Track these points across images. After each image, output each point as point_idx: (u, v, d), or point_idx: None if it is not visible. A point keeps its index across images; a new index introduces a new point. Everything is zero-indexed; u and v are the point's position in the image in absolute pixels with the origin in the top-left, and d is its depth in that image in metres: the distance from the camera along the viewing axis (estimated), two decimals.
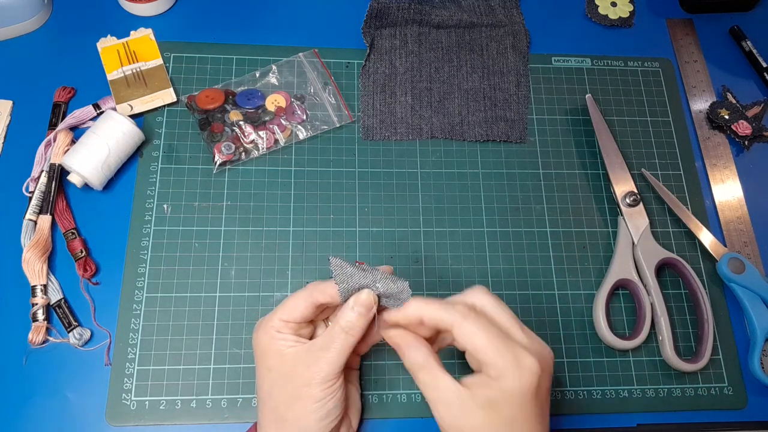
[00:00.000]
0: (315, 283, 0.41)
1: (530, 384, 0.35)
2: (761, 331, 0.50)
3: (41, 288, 0.47)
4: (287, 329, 0.40)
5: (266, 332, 0.40)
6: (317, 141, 0.55)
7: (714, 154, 0.59)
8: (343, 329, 0.39)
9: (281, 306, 0.41)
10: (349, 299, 0.39)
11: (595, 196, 0.56)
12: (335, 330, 0.39)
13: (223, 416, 0.46)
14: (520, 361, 0.36)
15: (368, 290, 0.39)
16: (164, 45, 0.57)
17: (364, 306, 0.39)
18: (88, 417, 0.45)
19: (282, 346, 0.39)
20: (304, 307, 0.40)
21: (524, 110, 0.58)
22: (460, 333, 0.37)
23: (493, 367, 0.36)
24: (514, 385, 0.35)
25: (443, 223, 0.53)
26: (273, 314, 0.41)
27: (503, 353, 0.36)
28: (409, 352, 0.38)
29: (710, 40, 0.65)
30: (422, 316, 0.38)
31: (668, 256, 0.52)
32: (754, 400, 0.50)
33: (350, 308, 0.39)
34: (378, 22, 0.59)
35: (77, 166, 0.49)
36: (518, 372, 0.35)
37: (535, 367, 0.36)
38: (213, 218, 0.51)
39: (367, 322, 0.39)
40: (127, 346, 0.47)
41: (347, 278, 0.39)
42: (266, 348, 0.40)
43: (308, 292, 0.40)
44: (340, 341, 0.38)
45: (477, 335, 0.36)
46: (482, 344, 0.36)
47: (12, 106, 0.54)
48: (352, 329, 0.39)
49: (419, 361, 0.38)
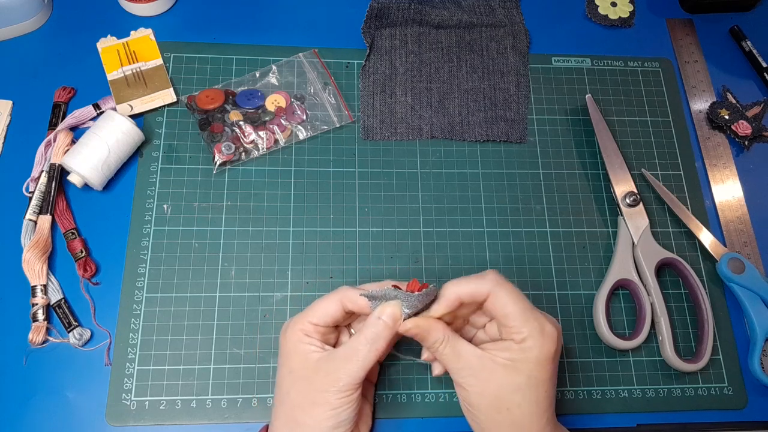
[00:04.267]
0: (345, 288, 0.41)
1: (550, 348, 0.39)
2: (761, 331, 0.50)
3: (41, 288, 0.47)
4: (316, 333, 0.40)
5: (294, 334, 0.40)
6: (317, 141, 0.55)
7: (714, 154, 0.59)
8: (368, 340, 0.39)
9: (311, 309, 0.41)
10: (376, 309, 0.39)
11: (595, 196, 0.56)
12: (360, 340, 0.39)
13: (223, 416, 0.46)
14: (544, 327, 0.39)
15: (396, 301, 0.39)
16: (164, 45, 0.57)
17: (390, 318, 0.39)
18: (88, 417, 0.45)
19: (307, 349, 0.40)
20: (335, 311, 0.40)
21: (524, 110, 0.58)
22: (493, 300, 0.40)
23: (518, 332, 0.39)
24: (537, 349, 0.39)
25: (443, 223, 0.53)
26: (303, 316, 0.41)
27: (530, 320, 0.39)
28: (429, 335, 0.40)
29: (710, 40, 0.65)
30: (460, 295, 0.40)
31: (668, 256, 0.52)
32: (754, 400, 0.50)
33: (376, 318, 0.39)
34: (378, 22, 0.59)
35: (77, 166, 0.49)
36: (541, 337, 0.39)
37: (555, 334, 0.39)
38: (213, 218, 0.51)
39: (392, 334, 0.39)
40: (127, 346, 0.47)
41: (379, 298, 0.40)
42: (292, 350, 0.40)
43: (338, 296, 0.41)
44: (363, 352, 0.38)
45: (509, 302, 0.39)
46: (511, 310, 0.39)
47: (12, 106, 0.54)
48: (377, 341, 0.38)
49: (440, 338, 0.39)
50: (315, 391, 0.38)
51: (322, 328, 0.41)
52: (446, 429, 0.47)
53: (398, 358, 0.47)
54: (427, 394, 0.47)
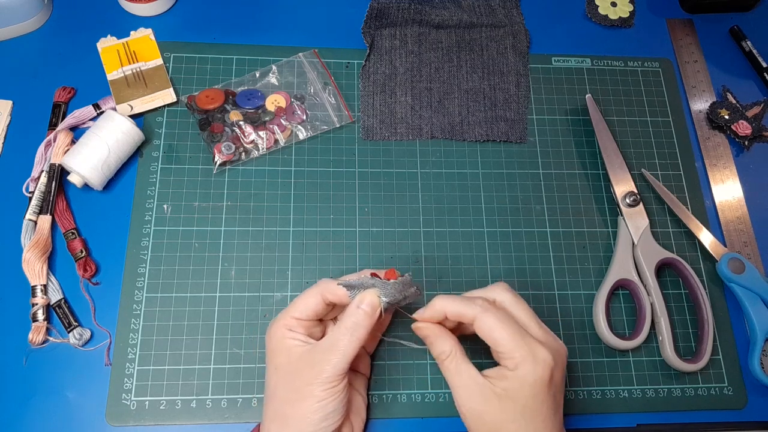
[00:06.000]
0: (325, 281, 0.42)
1: (544, 376, 0.38)
2: (761, 331, 0.50)
3: (41, 288, 0.47)
4: (300, 327, 0.41)
5: (278, 330, 0.41)
6: (317, 141, 0.55)
7: (714, 154, 0.59)
8: (348, 329, 0.39)
9: (293, 304, 0.42)
10: (355, 299, 0.40)
11: (595, 196, 0.56)
12: (340, 330, 0.39)
13: (223, 416, 0.46)
14: (536, 353, 0.38)
15: (374, 289, 0.40)
16: (164, 45, 0.57)
17: (369, 306, 0.40)
18: (88, 417, 0.45)
19: (291, 344, 0.40)
20: (315, 303, 0.41)
21: (524, 110, 0.58)
22: (479, 326, 0.39)
23: (510, 358, 0.38)
24: (529, 376, 0.37)
25: (443, 223, 0.53)
26: (285, 312, 0.42)
27: (520, 346, 0.38)
28: (437, 343, 0.41)
29: (710, 40, 0.65)
30: (445, 311, 0.40)
31: (668, 256, 0.52)
32: (754, 400, 0.50)
33: (356, 307, 0.40)
34: (378, 23, 0.59)
35: (77, 166, 0.49)
36: (533, 364, 0.38)
37: (549, 359, 0.38)
38: (213, 218, 0.51)
39: (372, 323, 0.40)
40: (127, 346, 0.47)
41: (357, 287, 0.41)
42: (276, 346, 0.41)
43: (318, 289, 0.41)
44: (344, 342, 0.39)
45: (495, 329, 0.38)
46: (500, 337, 0.38)
47: (12, 106, 0.54)
48: (357, 329, 0.39)
49: (445, 350, 0.40)
50: (301, 385, 0.39)
51: (306, 321, 0.41)
52: (446, 429, 0.47)
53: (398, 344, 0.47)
54: (427, 394, 0.47)
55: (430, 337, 0.41)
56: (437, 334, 0.41)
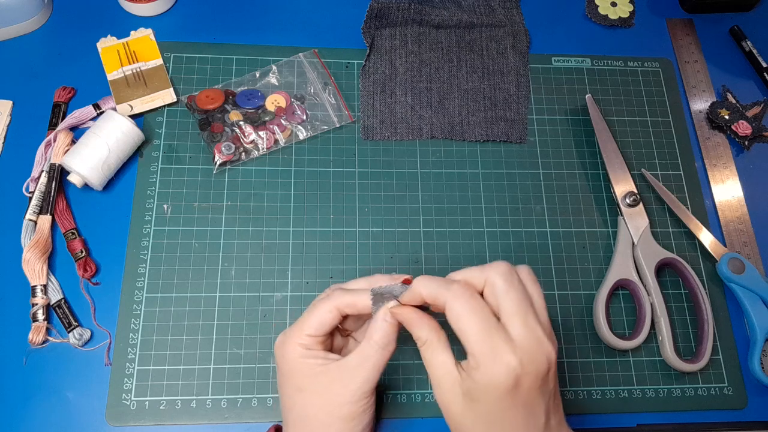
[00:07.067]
0: (337, 292, 0.39)
1: (504, 381, 0.33)
2: (761, 331, 0.50)
3: (41, 288, 0.47)
4: (317, 345, 0.38)
5: (294, 350, 0.38)
6: (317, 141, 0.55)
7: (714, 154, 0.59)
8: (379, 344, 0.37)
9: (306, 320, 0.38)
10: (379, 312, 0.38)
11: (595, 196, 0.56)
12: (370, 345, 0.37)
13: (223, 416, 0.46)
14: (498, 355, 0.33)
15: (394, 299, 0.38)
16: (164, 45, 0.57)
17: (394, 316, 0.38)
18: (88, 417, 0.45)
19: (312, 363, 0.38)
20: (332, 318, 0.38)
21: (524, 110, 0.58)
22: (448, 313, 0.35)
23: (472, 355, 0.34)
24: (489, 379, 0.33)
25: (443, 223, 0.53)
26: (298, 329, 0.38)
27: (483, 343, 0.33)
28: (414, 329, 0.37)
29: (710, 40, 0.65)
30: (422, 294, 0.36)
31: (668, 256, 0.52)
32: (754, 400, 0.50)
33: (382, 320, 0.37)
34: (378, 23, 0.59)
35: (77, 166, 0.49)
36: (493, 366, 0.33)
37: (512, 364, 0.33)
38: (213, 218, 0.51)
39: (398, 331, 0.38)
40: (127, 346, 0.47)
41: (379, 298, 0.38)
42: (294, 367, 0.38)
43: (333, 304, 0.38)
44: (376, 357, 0.37)
45: (462, 318, 0.34)
46: (466, 328, 0.34)
47: (12, 106, 0.54)
48: (389, 343, 0.37)
49: (421, 337, 0.36)
50: (336, 406, 0.37)
51: (322, 337, 0.38)
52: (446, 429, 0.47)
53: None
54: (427, 394, 0.47)
55: (407, 323, 0.37)
56: (413, 320, 0.37)
